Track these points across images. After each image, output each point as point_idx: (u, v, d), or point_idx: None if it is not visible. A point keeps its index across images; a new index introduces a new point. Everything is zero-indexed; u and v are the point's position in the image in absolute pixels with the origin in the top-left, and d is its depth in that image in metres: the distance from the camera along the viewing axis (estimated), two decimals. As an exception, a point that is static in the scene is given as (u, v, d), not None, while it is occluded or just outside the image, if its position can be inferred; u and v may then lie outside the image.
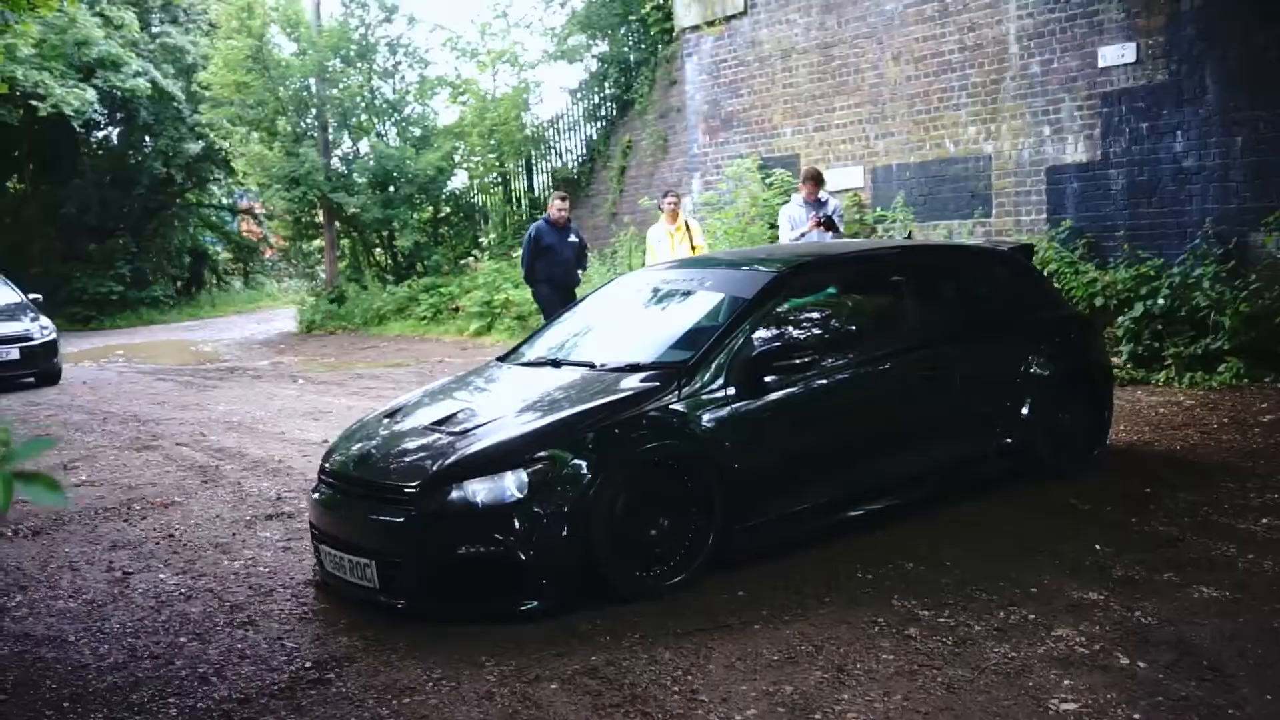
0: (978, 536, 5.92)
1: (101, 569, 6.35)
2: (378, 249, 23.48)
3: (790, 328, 6.18)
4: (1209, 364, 9.88)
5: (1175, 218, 11.05)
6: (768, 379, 5.73)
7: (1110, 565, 5.39)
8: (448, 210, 23.08)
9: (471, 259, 21.35)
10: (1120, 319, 10.54)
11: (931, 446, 6.38)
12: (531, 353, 6.68)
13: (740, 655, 4.55)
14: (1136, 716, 3.85)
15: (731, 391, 5.65)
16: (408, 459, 5.49)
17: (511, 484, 5.11)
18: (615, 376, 5.81)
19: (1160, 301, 10.31)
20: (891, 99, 13.71)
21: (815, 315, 6.40)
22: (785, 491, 5.76)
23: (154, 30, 29.35)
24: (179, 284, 32.79)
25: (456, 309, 19.40)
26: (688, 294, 6.63)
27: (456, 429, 5.59)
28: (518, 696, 4.29)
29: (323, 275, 24.18)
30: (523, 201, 21.83)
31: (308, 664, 4.81)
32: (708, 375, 5.64)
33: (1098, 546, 5.67)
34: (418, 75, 23.34)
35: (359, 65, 22.55)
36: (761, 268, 6.44)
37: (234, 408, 12.37)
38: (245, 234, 35.03)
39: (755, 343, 5.81)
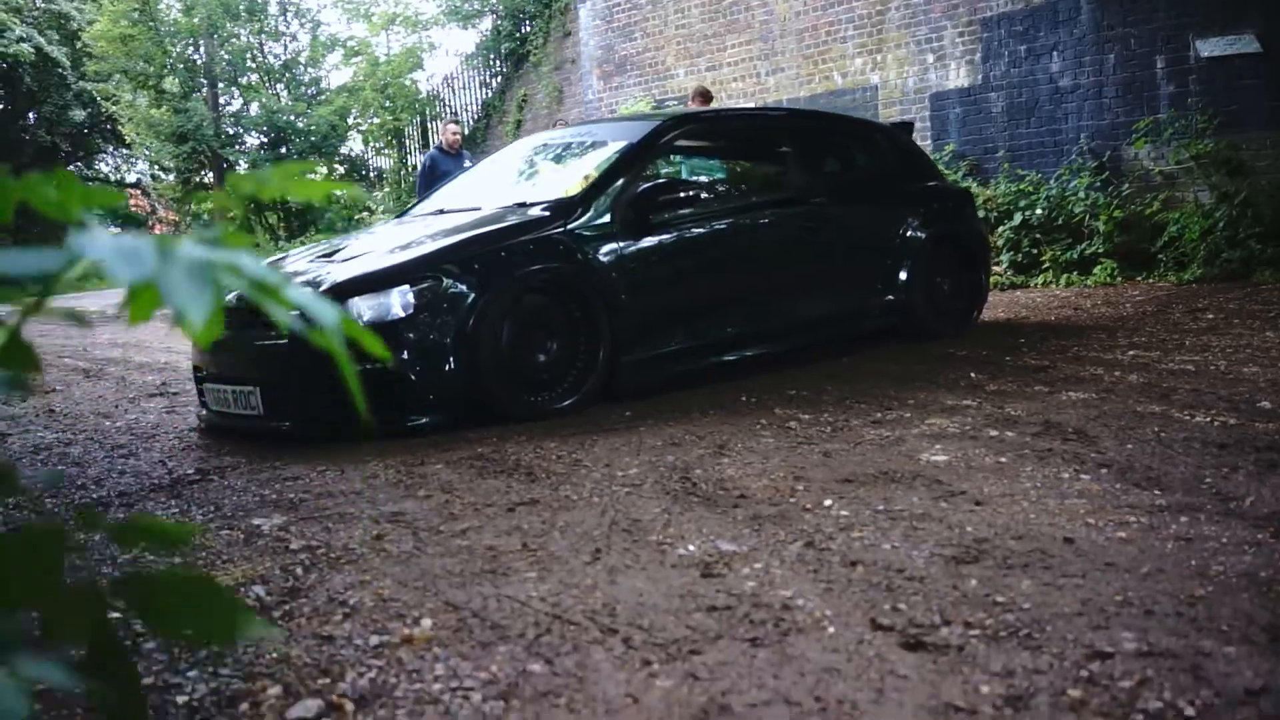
0: (858, 375, 6.07)
1: (-24, 431, 6.20)
2: (269, 209, 23.11)
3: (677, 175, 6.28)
4: (1084, 266, 10.23)
5: (1052, 136, 11.41)
6: (653, 217, 5.81)
7: (984, 384, 5.57)
8: (342, 172, 22.81)
9: (365, 213, 21.13)
10: (1001, 229, 10.85)
11: (812, 298, 6.52)
12: (420, 209, 6.68)
13: (625, 443, 4.62)
14: (1003, 460, 4.00)
15: (618, 227, 5.72)
16: (293, 288, 5.44)
17: (396, 302, 5.11)
18: (503, 212, 5.85)
19: (1038, 212, 10.64)
20: (781, 35, 13.92)
21: (701, 164, 6.50)
22: (670, 328, 5.84)
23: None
24: (64, 259, 31.82)
25: (351, 263, 19.19)
26: (577, 145, 6.69)
27: (342, 259, 5.58)
28: (403, 473, 4.30)
29: (213, 239, 23.67)
30: (418, 164, 21.66)
31: (190, 471, 4.77)
32: (594, 210, 5.70)
33: (973, 374, 5.86)
34: (309, 36, 23.05)
35: (248, 25, 22.19)
36: (651, 120, 6.52)
37: (119, 335, 12.11)
38: (134, 208, 34.17)
39: (642, 181, 5.89)
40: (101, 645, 0.68)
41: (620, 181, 5.83)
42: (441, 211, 6.29)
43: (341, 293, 5.15)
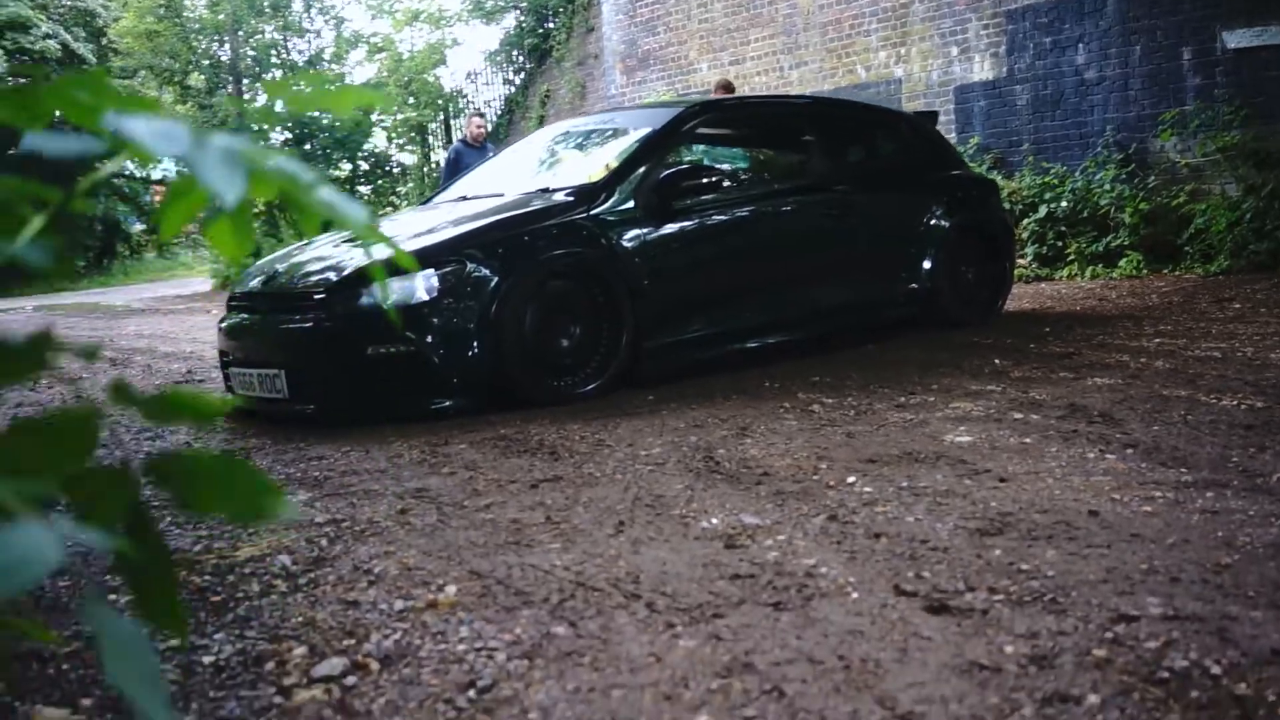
0: (882, 362, 6.05)
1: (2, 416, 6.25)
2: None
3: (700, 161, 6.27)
4: (1110, 259, 10.17)
5: (1078, 128, 11.34)
6: (676, 203, 5.81)
7: (1009, 371, 5.55)
8: (366, 169, 22.90)
9: (389, 209, 21.22)
10: (1026, 221, 10.80)
11: (835, 285, 6.51)
12: (444, 196, 6.70)
13: (648, 425, 4.62)
14: (1028, 440, 3.98)
15: (641, 213, 5.72)
16: (316, 273, 5.47)
17: (420, 285, 5.13)
18: (526, 198, 5.86)
19: (1064, 204, 10.58)
20: (805, 28, 13.89)
21: (724, 152, 6.50)
22: (692, 314, 5.84)
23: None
24: (90, 255, 32.07)
25: (375, 258, 19.25)
26: (600, 133, 6.70)
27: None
28: (427, 453, 4.32)
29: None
30: (442, 159, 21.71)
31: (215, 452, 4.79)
32: (618, 195, 5.70)
33: (997, 361, 5.83)
34: (333, 32, 23.16)
35: (273, 21, 22.29)
36: (674, 107, 6.52)
37: (145, 327, 12.20)
38: (159, 204, 34.39)
39: (665, 167, 5.89)
40: (133, 523, 0.69)
41: (644, 168, 5.83)
42: (465, 198, 6.31)
43: (366, 275, 5.16)
